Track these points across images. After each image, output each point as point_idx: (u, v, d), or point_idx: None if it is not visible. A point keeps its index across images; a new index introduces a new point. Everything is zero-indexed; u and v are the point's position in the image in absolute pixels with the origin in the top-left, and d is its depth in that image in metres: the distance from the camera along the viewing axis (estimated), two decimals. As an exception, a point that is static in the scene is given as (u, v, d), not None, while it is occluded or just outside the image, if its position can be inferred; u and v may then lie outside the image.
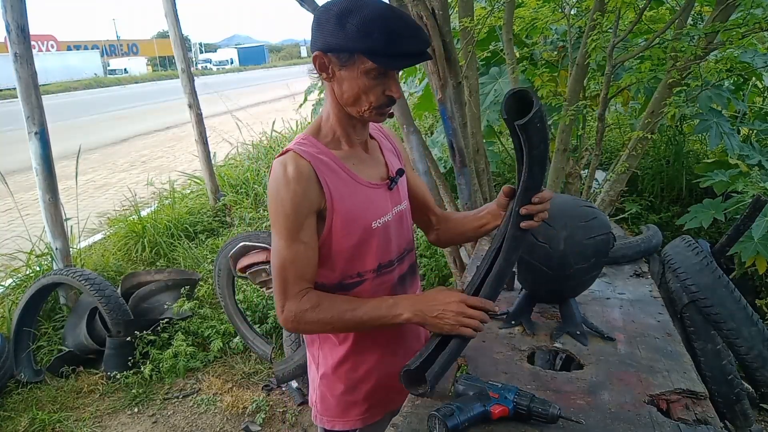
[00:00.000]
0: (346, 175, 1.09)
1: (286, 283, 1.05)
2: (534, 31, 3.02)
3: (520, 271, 1.37)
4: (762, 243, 2.20)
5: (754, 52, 2.78)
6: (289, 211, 1.02)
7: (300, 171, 1.02)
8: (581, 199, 1.35)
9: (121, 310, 2.83)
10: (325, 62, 1.01)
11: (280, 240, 1.04)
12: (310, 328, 1.10)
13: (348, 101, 1.04)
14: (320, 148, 1.08)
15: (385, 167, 1.19)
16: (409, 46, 0.97)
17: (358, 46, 0.95)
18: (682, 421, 1.02)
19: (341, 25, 0.95)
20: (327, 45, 0.99)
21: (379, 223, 1.12)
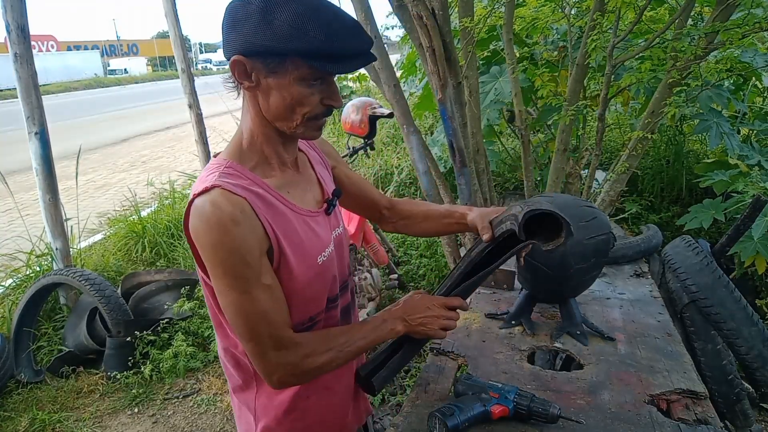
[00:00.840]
0: (284, 206, 0.91)
1: (266, 338, 0.86)
2: (534, 30, 3.02)
3: (520, 271, 1.37)
4: (762, 243, 2.20)
5: (754, 51, 2.78)
6: (240, 257, 0.82)
7: (239, 209, 0.82)
8: (581, 199, 1.35)
9: (121, 310, 2.83)
10: (247, 68, 0.82)
11: (235, 294, 0.83)
12: (312, 376, 0.93)
13: (277, 114, 0.86)
14: (249, 178, 0.88)
15: (318, 186, 1.03)
16: (351, 44, 0.81)
17: (290, 46, 0.78)
18: (682, 421, 1.02)
19: (267, 22, 0.77)
20: (249, 47, 0.80)
21: (324, 257, 0.97)
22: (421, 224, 1.22)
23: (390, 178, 4.87)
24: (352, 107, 3.10)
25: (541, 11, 2.58)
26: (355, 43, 0.82)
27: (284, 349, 0.88)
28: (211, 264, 0.83)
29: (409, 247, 3.80)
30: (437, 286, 1.13)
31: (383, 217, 1.24)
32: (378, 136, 5.00)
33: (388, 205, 1.23)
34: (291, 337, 0.89)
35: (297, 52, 0.79)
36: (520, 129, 2.53)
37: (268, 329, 0.86)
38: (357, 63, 0.84)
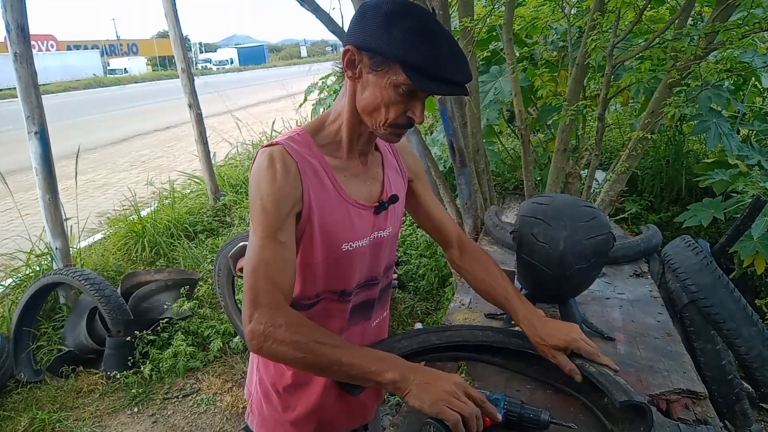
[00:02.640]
0: (332, 186, 0.98)
1: (258, 289, 0.89)
2: (534, 30, 3.02)
3: (520, 271, 1.37)
4: (761, 243, 2.20)
5: (753, 52, 2.78)
6: (269, 206, 0.91)
7: (286, 168, 0.92)
8: (581, 199, 1.35)
9: (121, 309, 2.83)
10: (356, 60, 0.90)
11: (255, 238, 0.92)
12: (278, 349, 0.87)
13: (366, 108, 0.93)
14: (313, 150, 0.98)
15: (380, 186, 1.07)
16: (452, 73, 0.87)
17: (398, 54, 0.85)
18: (682, 421, 1.02)
19: (387, 27, 0.85)
20: (364, 42, 0.88)
21: (350, 247, 1.00)
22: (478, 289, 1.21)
23: (390, 178, 4.85)
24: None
25: (540, 11, 2.58)
26: (453, 72, 0.87)
27: (265, 307, 0.88)
28: (251, 204, 0.94)
29: (409, 247, 3.80)
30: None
31: (451, 256, 1.25)
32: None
33: (457, 249, 1.24)
34: (280, 300, 0.89)
35: (401, 60, 0.85)
36: (520, 129, 2.53)
37: (263, 282, 0.89)
38: (448, 89, 0.88)
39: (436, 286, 3.39)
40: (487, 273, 1.18)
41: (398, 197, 1.09)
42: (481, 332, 1.19)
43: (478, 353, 1.19)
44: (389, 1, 0.87)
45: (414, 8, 0.87)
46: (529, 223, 1.27)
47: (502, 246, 2.03)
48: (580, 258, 1.22)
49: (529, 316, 1.09)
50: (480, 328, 1.21)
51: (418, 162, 1.21)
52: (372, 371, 0.87)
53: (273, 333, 0.86)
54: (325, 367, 0.88)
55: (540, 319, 1.08)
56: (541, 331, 1.05)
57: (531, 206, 1.31)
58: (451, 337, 1.18)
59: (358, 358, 0.88)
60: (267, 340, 0.87)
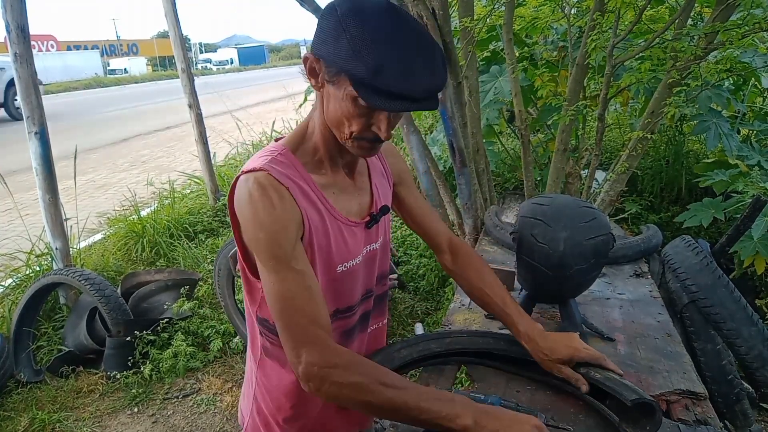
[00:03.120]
0: (323, 207, 0.91)
1: (294, 326, 0.82)
2: (534, 30, 3.02)
3: (520, 271, 1.37)
4: (761, 243, 2.20)
5: (754, 52, 2.78)
6: (274, 236, 0.83)
7: (280, 194, 0.84)
8: (581, 199, 1.35)
9: (121, 310, 2.83)
10: (316, 68, 0.82)
11: (270, 274, 0.84)
12: (339, 392, 0.81)
13: (331, 122, 0.86)
14: (298, 170, 0.90)
15: (369, 197, 1.01)
16: (401, 85, 0.74)
17: (343, 65, 0.76)
18: (682, 421, 1.02)
19: (337, 35, 0.76)
20: (318, 50, 0.80)
21: (345, 267, 0.95)
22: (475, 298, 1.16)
23: (390, 178, 4.85)
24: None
25: (540, 11, 2.58)
26: (405, 86, 0.75)
27: (311, 345, 0.82)
28: (250, 238, 0.86)
29: (409, 247, 3.80)
30: None
31: (444, 261, 1.19)
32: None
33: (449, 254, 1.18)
34: (321, 335, 0.83)
35: (347, 73, 0.76)
36: (520, 129, 2.53)
37: (297, 317, 0.83)
38: (400, 105, 0.76)
39: (436, 286, 3.39)
40: (482, 281, 1.13)
41: (388, 207, 1.04)
42: (481, 339, 1.18)
43: (479, 359, 1.19)
44: (344, 4, 0.78)
45: (370, 8, 0.77)
46: (529, 223, 1.27)
47: (502, 246, 2.03)
48: (580, 258, 1.22)
49: (530, 331, 1.05)
50: (480, 333, 1.21)
51: (403, 164, 1.15)
52: (443, 416, 0.80)
53: (330, 375, 0.81)
54: (390, 411, 0.81)
55: (541, 334, 1.05)
56: (543, 347, 1.03)
57: (531, 207, 1.31)
58: (451, 344, 1.17)
59: (427, 402, 0.81)
60: (324, 382, 0.81)
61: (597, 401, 1.01)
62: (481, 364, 1.19)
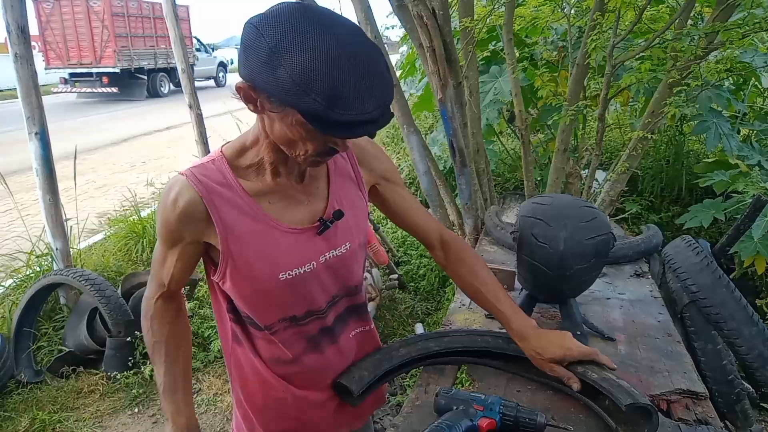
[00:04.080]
0: (252, 215, 0.90)
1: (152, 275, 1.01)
2: (534, 31, 3.02)
3: (520, 271, 1.37)
4: (762, 243, 2.20)
5: (754, 52, 2.78)
6: (162, 230, 0.94)
7: (187, 204, 0.88)
8: (581, 199, 1.35)
9: (121, 310, 2.82)
10: (252, 95, 0.77)
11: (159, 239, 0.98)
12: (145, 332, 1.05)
13: (280, 142, 0.83)
14: (227, 178, 0.89)
15: (323, 203, 0.97)
16: (358, 109, 0.70)
17: (289, 101, 0.71)
18: (682, 421, 1.02)
19: (272, 67, 0.70)
20: (254, 81, 0.74)
21: (289, 275, 0.92)
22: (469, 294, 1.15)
23: (390, 178, 4.85)
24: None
25: (540, 11, 2.59)
26: (361, 110, 0.71)
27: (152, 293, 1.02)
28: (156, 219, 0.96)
29: (409, 247, 3.80)
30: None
31: (437, 257, 1.17)
32: (378, 136, 5.00)
33: (441, 250, 1.15)
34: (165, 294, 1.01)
35: (296, 108, 0.72)
36: (520, 129, 2.53)
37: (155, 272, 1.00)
38: (361, 131, 0.73)
39: (437, 286, 3.39)
40: (475, 277, 1.10)
41: (343, 213, 0.96)
42: (480, 337, 1.18)
43: (478, 358, 1.19)
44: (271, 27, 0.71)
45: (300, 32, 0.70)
46: (530, 223, 1.27)
47: (502, 246, 2.03)
48: (580, 258, 1.22)
49: (523, 329, 1.05)
50: (479, 332, 1.21)
51: (388, 163, 1.10)
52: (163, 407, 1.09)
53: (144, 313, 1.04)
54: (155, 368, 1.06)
55: (533, 332, 1.04)
56: (535, 345, 1.03)
57: (531, 206, 1.31)
58: (450, 343, 1.17)
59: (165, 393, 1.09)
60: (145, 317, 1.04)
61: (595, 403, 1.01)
62: (480, 363, 1.19)
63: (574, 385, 1.00)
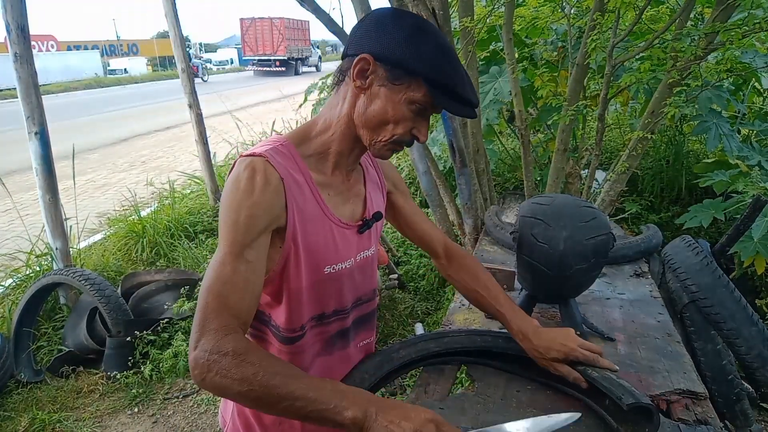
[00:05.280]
0: (317, 204, 0.91)
1: (208, 311, 0.77)
2: (534, 32, 3.02)
3: (520, 271, 1.37)
4: (762, 243, 2.19)
5: (754, 53, 2.78)
6: (242, 220, 0.82)
7: (268, 180, 0.84)
8: (581, 199, 1.35)
9: (121, 310, 2.83)
10: (368, 69, 0.85)
11: (221, 253, 0.82)
12: (221, 382, 0.74)
13: (370, 122, 0.87)
14: (298, 164, 0.90)
15: (362, 204, 1.01)
16: (469, 94, 0.86)
17: (424, 70, 0.82)
18: (682, 421, 1.02)
19: (413, 41, 0.82)
20: (384, 53, 0.83)
21: (333, 269, 0.94)
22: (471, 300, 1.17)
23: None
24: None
25: (540, 11, 2.59)
26: (471, 95, 0.86)
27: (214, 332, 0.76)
28: (222, 215, 0.84)
29: (409, 247, 3.80)
30: None
31: (440, 265, 1.21)
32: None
33: (444, 258, 1.19)
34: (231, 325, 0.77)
35: (427, 77, 0.83)
36: (520, 129, 2.53)
37: (216, 302, 0.78)
38: (464, 111, 0.87)
39: (437, 286, 3.39)
40: (477, 282, 1.14)
41: (382, 214, 1.04)
42: (480, 337, 1.19)
43: (478, 358, 1.19)
44: (410, 15, 0.86)
45: (434, 27, 0.87)
46: (529, 223, 1.27)
47: (502, 246, 2.03)
48: (580, 258, 1.22)
49: (524, 328, 1.06)
50: (479, 332, 1.21)
51: (396, 172, 1.17)
52: (330, 408, 0.73)
53: (217, 362, 0.73)
54: (274, 402, 0.73)
55: (535, 331, 1.05)
56: (537, 344, 1.03)
57: (531, 206, 1.31)
58: (450, 344, 1.17)
59: (315, 391, 0.74)
60: (210, 371, 0.74)
61: (595, 402, 1.01)
62: (480, 363, 1.19)
63: (582, 384, 1.00)
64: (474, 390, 1.13)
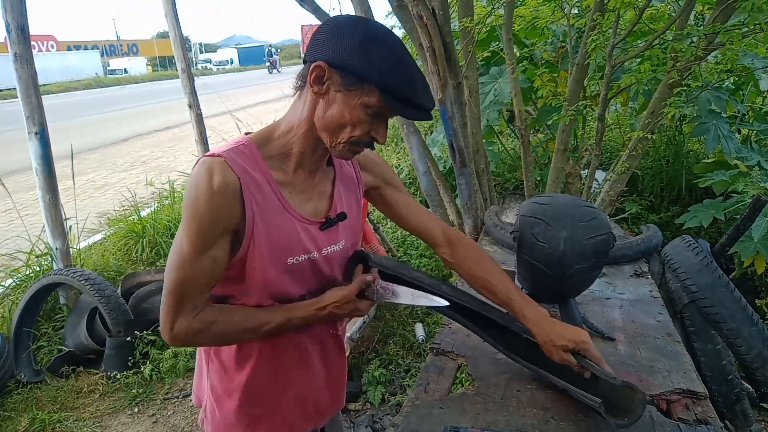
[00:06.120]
0: (278, 200, 0.96)
1: (182, 299, 0.92)
2: (533, 32, 3.02)
3: (520, 271, 1.38)
4: (762, 243, 2.20)
5: (753, 55, 2.78)
6: (205, 224, 0.89)
7: (226, 184, 0.89)
8: (581, 199, 1.35)
9: (121, 310, 2.82)
10: (324, 76, 0.89)
11: (186, 248, 0.90)
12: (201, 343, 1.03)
13: (328, 126, 0.91)
14: (258, 163, 0.94)
15: (327, 202, 1.04)
16: (422, 99, 0.89)
17: (375, 77, 0.86)
18: (682, 421, 1.02)
19: (365, 49, 0.85)
20: (338, 60, 0.87)
21: (296, 260, 0.99)
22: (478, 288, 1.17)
23: (390, 178, 4.86)
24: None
25: (540, 11, 2.59)
26: (425, 99, 0.89)
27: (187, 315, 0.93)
28: (184, 214, 0.91)
29: (409, 247, 3.80)
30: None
31: (443, 255, 1.20)
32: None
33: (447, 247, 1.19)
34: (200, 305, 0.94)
35: (379, 84, 0.86)
36: (520, 129, 2.53)
37: (188, 293, 0.92)
38: (419, 115, 0.90)
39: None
40: (484, 270, 1.14)
41: (347, 215, 1.06)
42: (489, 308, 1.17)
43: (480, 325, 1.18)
44: (364, 22, 0.89)
45: (389, 33, 0.89)
46: (530, 223, 1.27)
47: (502, 246, 2.03)
48: (580, 258, 1.22)
49: (537, 316, 1.07)
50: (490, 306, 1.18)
51: (386, 168, 1.19)
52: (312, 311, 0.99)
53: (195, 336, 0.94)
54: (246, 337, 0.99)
55: (548, 320, 1.07)
56: (549, 331, 1.05)
57: (531, 206, 1.31)
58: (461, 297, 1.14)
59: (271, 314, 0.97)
60: (189, 342, 0.95)
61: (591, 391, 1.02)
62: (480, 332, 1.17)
63: (585, 374, 1.03)
64: (474, 390, 1.13)
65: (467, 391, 1.13)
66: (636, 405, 0.95)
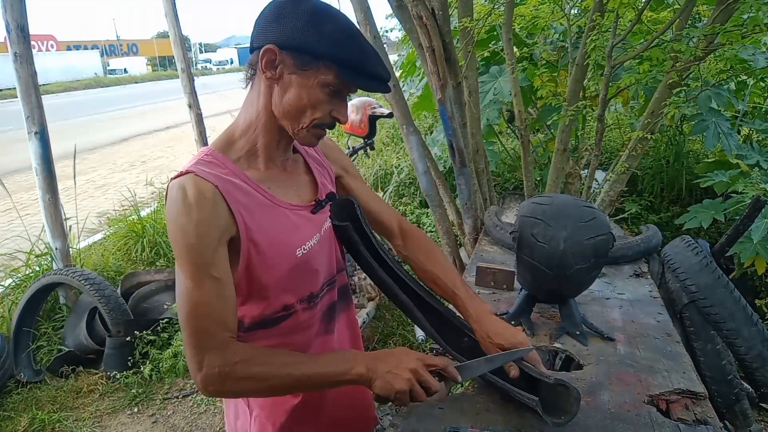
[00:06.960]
0: (263, 197, 0.91)
1: (202, 332, 0.83)
2: (534, 29, 3.02)
3: (520, 271, 1.37)
4: (761, 244, 2.19)
5: (754, 49, 2.76)
6: (194, 242, 0.82)
7: (202, 194, 0.83)
8: (581, 199, 1.35)
9: (120, 310, 2.83)
10: (276, 60, 0.85)
11: (186, 279, 0.83)
12: (240, 387, 0.86)
13: (288, 111, 0.88)
14: (228, 168, 0.90)
15: (310, 187, 1.03)
16: (377, 69, 0.87)
17: (329, 52, 0.83)
18: (681, 421, 1.02)
19: (315, 25, 0.82)
20: (288, 41, 0.83)
21: (305, 250, 0.95)
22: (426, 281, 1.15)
23: (390, 178, 4.87)
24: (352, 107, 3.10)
25: (540, 10, 2.59)
26: (380, 70, 0.87)
27: (215, 350, 0.83)
28: (172, 244, 0.85)
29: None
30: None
31: (396, 246, 1.19)
32: (378, 136, 5.00)
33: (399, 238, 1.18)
34: (227, 339, 0.85)
35: (334, 58, 0.84)
36: (520, 129, 2.53)
37: (205, 323, 0.83)
38: (378, 86, 0.89)
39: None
40: (433, 263, 1.14)
41: (335, 194, 1.06)
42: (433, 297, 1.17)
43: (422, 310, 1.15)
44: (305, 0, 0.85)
45: (331, 8, 0.87)
46: (529, 223, 1.27)
47: (502, 246, 2.03)
48: (580, 258, 1.22)
49: (479, 313, 1.07)
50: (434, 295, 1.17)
51: (344, 156, 1.17)
52: (340, 373, 0.88)
53: (230, 373, 0.83)
54: (292, 386, 0.89)
55: (489, 316, 1.07)
56: (489, 329, 1.05)
57: (531, 206, 1.31)
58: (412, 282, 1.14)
59: (323, 366, 0.88)
60: (225, 382, 0.84)
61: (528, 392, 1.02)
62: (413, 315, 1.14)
63: (512, 372, 1.02)
64: (474, 390, 1.13)
65: (467, 391, 1.13)
66: (570, 403, 0.95)
